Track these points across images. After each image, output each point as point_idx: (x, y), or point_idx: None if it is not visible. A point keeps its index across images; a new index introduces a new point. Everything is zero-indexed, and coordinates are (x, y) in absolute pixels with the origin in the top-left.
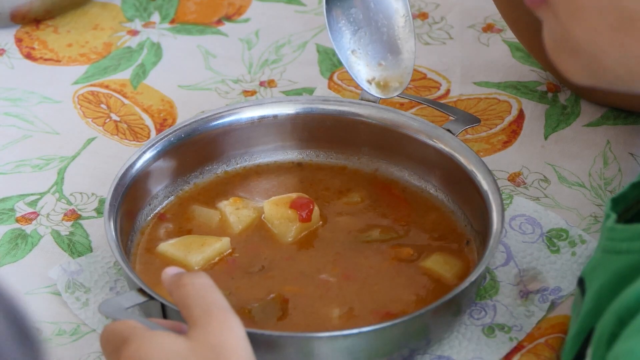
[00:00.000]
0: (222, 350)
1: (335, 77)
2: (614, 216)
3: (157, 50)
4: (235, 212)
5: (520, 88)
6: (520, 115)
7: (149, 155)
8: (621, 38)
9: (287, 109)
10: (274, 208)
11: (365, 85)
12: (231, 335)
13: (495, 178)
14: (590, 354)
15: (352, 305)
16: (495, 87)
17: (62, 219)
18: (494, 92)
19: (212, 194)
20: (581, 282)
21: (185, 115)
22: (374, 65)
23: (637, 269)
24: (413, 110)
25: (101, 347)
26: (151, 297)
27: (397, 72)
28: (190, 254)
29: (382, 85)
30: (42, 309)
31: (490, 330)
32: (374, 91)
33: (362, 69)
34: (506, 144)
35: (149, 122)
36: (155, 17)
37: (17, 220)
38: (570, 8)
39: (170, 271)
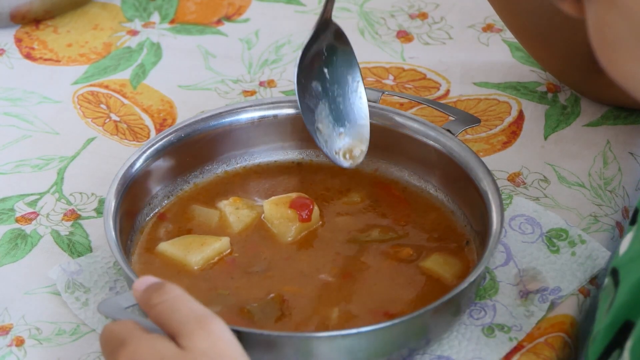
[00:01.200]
0: (213, 355)
1: None
2: None
3: (156, 50)
4: (235, 212)
5: (520, 89)
6: (520, 117)
7: (148, 155)
8: None
9: (287, 109)
10: (274, 208)
11: (334, 158)
12: (219, 340)
13: (495, 178)
14: (630, 346)
15: (351, 305)
16: (495, 88)
17: (62, 219)
18: (493, 92)
19: (212, 194)
20: (615, 273)
21: (185, 115)
22: (335, 136)
23: None
24: (413, 110)
25: (100, 347)
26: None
27: (357, 139)
28: (189, 253)
29: (348, 154)
30: (41, 309)
31: (489, 330)
32: (343, 162)
33: (328, 140)
34: (506, 144)
35: (148, 122)
36: (155, 17)
37: (16, 220)
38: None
39: (139, 286)
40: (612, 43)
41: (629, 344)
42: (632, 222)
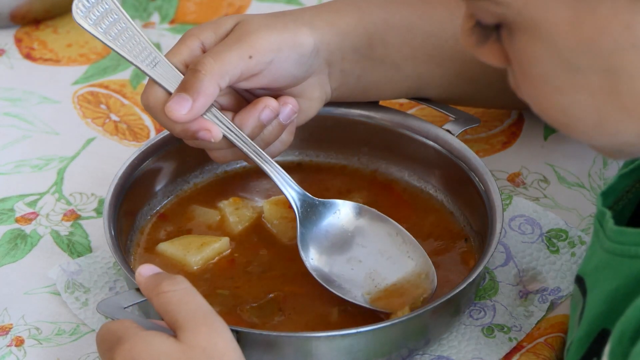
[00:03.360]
0: (213, 353)
1: None
2: (609, 214)
3: None
4: (234, 212)
5: None
6: (520, 118)
7: (148, 155)
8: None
9: None
10: (274, 208)
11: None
12: (220, 339)
13: (495, 178)
14: (608, 353)
15: (351, 305)
16: None
17: (62, 219)
18: None
19: (212, 194)
20: (580, 281)
21: None
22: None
23: None
24: (413, 110)
25: (96, 345)
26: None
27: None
28: (189, 253)
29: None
30: (41, 309)
31: (489, 330)
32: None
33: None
34: (506, 144)
35: (148, 122)
36: (155, 17)
37: (16, 221)
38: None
39: (144, 272)
40: (538, 77)
41: (607, 349)
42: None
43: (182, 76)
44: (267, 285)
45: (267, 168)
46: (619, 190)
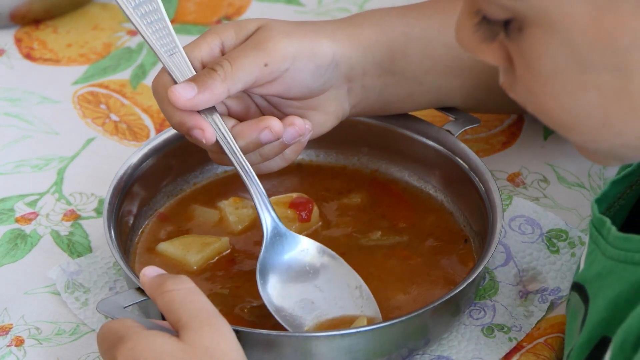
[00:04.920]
0: (215, 353)
1: None
2: (609, 221)
3: None
4: (234, 211)
5: None
6: (520, 119)
7: (148, 155)
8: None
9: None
10: (274, 208)
11: None
12: (223, 339)
13: (495, 178)
14: (610, 357)
15: None
16: None
17: (62, 219)
18: None
19: (212, 194)
20: (580, 289)
21: None
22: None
23: None
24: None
25: (97, 344)
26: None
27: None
28: (189, 253)
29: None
30: (41, 309)
31: (489, 330)
32: None
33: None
34: (506, 144)
35: (148, 122)
36: None
37: (16, 221)
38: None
39: (149, 272)
40: (548, 75)
41: (607, 357)
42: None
43: (194, 72)
44: None
45: (250, 185)
46: (612, 197)
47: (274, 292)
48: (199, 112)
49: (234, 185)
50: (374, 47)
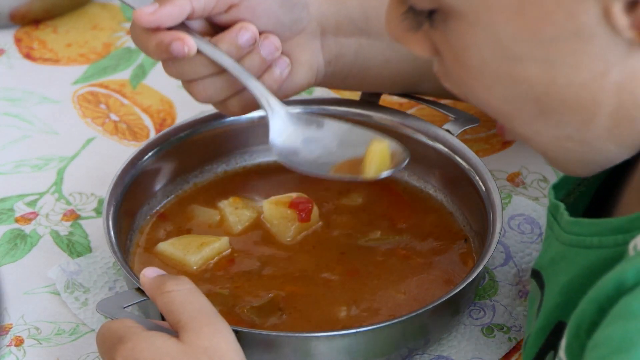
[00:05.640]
0: (215, 353)
1: None
2: (563, 206)
3: None
4: (234, 211)
5: None
6: None
7: (148, 154)
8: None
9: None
10: (273, 208)
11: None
12: (223, 340)
13: (495, 178)
14: (564, 346)
15: (351, 305)
16: None
17: (62, 219)
18: None
19: (212, 194)
20: (537, 275)
21: (185, 115)
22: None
23: (611, 261)
24: (412, 110)
25: (97, 345)
26: (149, 296)
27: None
28: (189, 253)
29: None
30: (41, 309)
31: (489, 330)
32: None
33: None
34: (505, 144)
35: (148, 122)
36: None
37: (16, 220)
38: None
39: (149, 273)
40: (476, 67)
41: (563, 343)
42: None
43: None
44: (267, 285)
45: (245, 80)
46: (570, 183)
47: (287, 143)
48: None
49: (233, 185)
50: (347, 2)
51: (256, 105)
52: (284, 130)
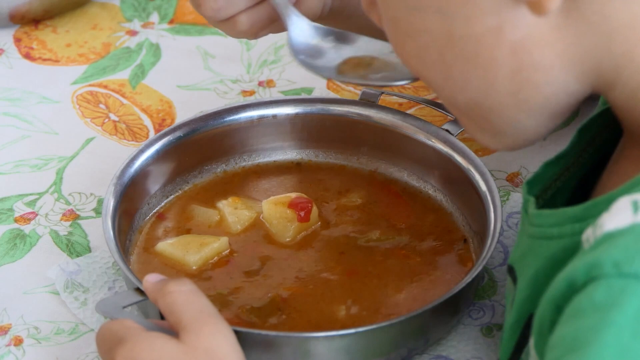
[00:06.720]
0: (215, 355)
1: None
2: (532, 200)
3: (155, 50)
4: (234, 211)
5: None
6: None
7: (147, 155)
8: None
9: (286, 109)
10: (273, 208)
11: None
12: (223, 341)
13: (494, 178)
14: (533, 345)
15: (350, 305)
16: None
17: (61, 219)
18: None
19: (211, 194)
20: (511, 270)
21: (184, 115)
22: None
23: (571, 252)
24: (412, 110)
25: (96, 345)
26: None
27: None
28: (188, 253)
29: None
30: (40, 309)
31: (488, 330)
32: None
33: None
34: None
35: (147, 122)
36: (154, 18)
37: (15, 220)
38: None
39: (151, 278)
40: (391, 22)
41: (531, 342)
42: None
43: None
44: (267, 285)
45: None
46: (546, 178)
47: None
48: None
49: (233, 185)
50: None
51: (266, 24)
52: (302, 32)
